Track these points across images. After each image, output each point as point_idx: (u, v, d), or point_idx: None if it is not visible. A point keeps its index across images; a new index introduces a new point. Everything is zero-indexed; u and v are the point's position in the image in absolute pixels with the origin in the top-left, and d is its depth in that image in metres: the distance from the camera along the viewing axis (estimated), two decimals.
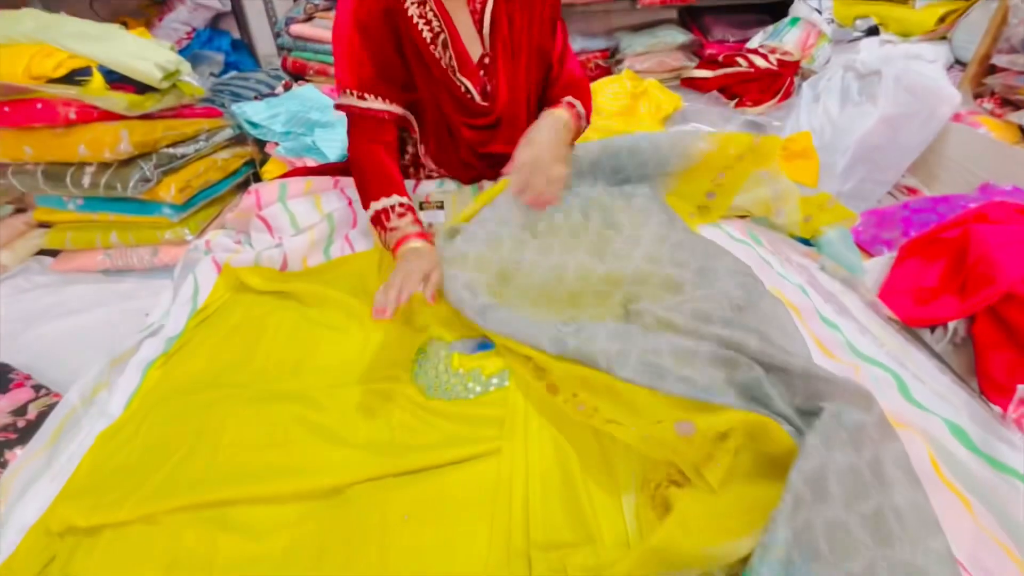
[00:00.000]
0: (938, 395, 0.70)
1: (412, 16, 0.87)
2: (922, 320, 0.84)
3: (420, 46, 0.89)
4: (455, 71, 0.92)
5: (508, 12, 0.94)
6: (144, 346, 0.90)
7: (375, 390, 0.77)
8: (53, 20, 1.15)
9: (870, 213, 1.15)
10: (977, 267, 0.77)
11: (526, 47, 0.98)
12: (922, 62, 1.30)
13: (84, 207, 1.16)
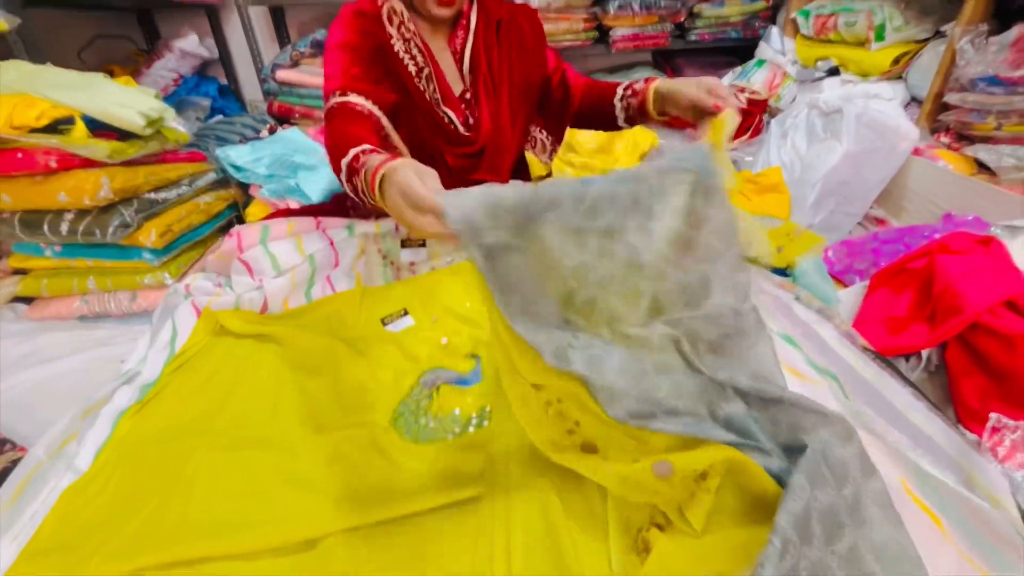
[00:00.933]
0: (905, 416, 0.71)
1: (398, 52, 0.93)
2: (896, 349, 0.86)
3: (405, 79, 0.94)
4: (439, 103, 0.97)
5: (487, 52, 1.00)
6: (117, 395, 0.88)
7: (352, 435, 0.75)
8: (36, 71, 1.17)
9: (842, 244, 1.18)
10: (943, 297, 0.79)
11: (507, 82, 1.05)
12: (881, 100, 1.37)
13: (62, 253, 1.15)
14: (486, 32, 1.01)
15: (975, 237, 0.85)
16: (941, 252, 0.84)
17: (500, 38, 1.04)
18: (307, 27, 2.30)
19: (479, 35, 1.00)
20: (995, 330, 0.72)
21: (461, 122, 1.01)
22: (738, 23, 2.08)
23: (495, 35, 1.03)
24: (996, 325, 0.72)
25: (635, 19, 1.99)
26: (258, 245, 1.10)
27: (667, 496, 0.56)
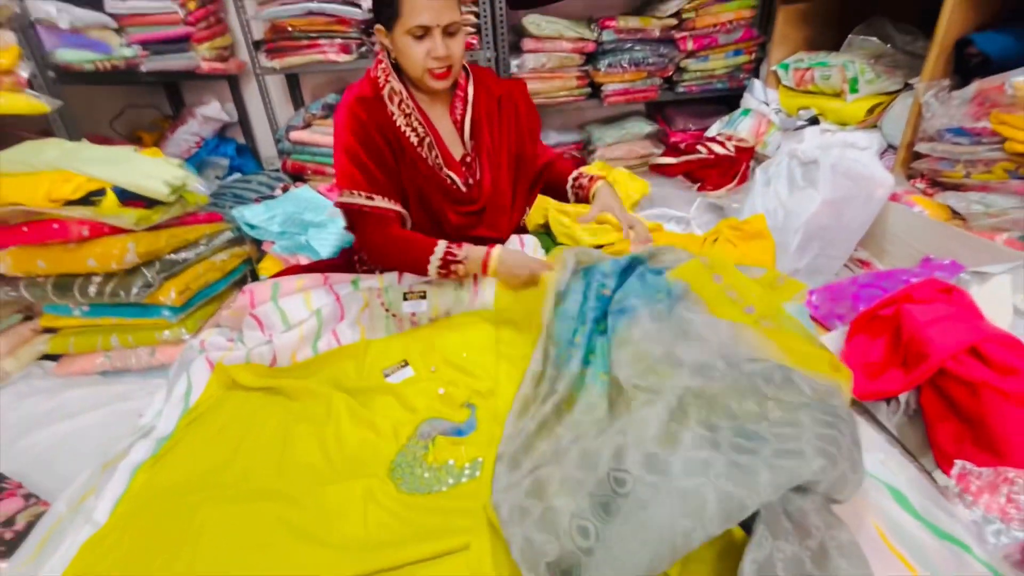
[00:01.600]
0: (881, 463, 0.73)
1: (400, 126, 1.05)
2: (874, 394, 0.89)
3: (408, 149, 1.06)
4: (441, 167, 1.09)
5: (488, 120, 1.13)
6: (135, 449, 0.94)
7: (352, 487, 0.80)
8: (74, 148, 1.28)
9: (824, 289, 1.23)
10: (911, 344, 0.83)
11: (506, 150, 1.17)
12: (856, 150, 1.44)
13: (89, 313, 1.23)
14: (487, 102, 1.14)
15: (938, 286, 0.90)
16: (906, 301, 0.89)
17: (501, 111, 1.16)
18: (320, 90, 2.46)
19: (479, 105, 1.12)
20: (960, 377, 0.76)
21: (463, 182, 1.11)
22: (723, 75, 2.19)
23: (496, 106, 1.15)
24: (960, 372, 0.76)
25: (624, 75, 2.12)
26: (269, 301, 1.18)
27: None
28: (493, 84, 1.15)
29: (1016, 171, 1.12)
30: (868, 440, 0.80)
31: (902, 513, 0.69)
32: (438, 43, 0.97)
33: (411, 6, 0.94)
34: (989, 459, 0.72)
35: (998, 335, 0.79)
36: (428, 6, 0.94)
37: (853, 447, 0.64)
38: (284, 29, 2.00)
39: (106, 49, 1.62)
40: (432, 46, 0.97)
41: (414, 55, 0.98)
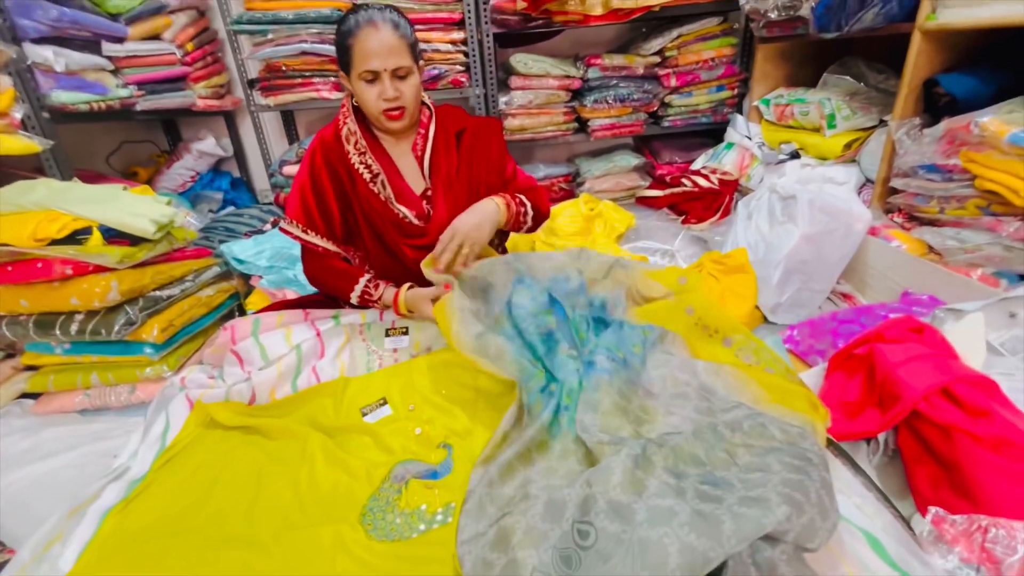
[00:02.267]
0: (858, 509, 0.72)
1: (355, 164, 1.13)
2: (851, 435, 0.88)
3: (359, 185, 1.13)
4: (391, 201, 1.14)
5: (446, 156, 1.18)
6: (106, 492, 0.92)
7: (322, 533, 0.79)
8: (62, 188, 1.30)
9: (804, 324, 1.23)
10: (885, 385, 0.83)
11: (466, 183, 1.20)
12: (834, 184, 1.46)
13: (70, 351, 1.23)
14: (445, 140, 1.20)
15: (910, 324, 0.90)
16: (878, 340, 0.89)
17: (460, 146, 1.20)
18: (314, 126, 2.52)
19: (438, 142, 1.19)
20: (932, 419, 0.75)
21: (415, 215, 1.16)
22: (707, 110, 2.25)
23: (455, 142, 1.20)
24: (932, 415, 0.75)
25: (610, 111, 2.17)
26: (249, 337, 1.18)
27: None
28: (456, 120, 1.21)
29: (988, 207, 1.13)
30: (845, 483, 0.79)
31: (878, 561, 0.67)
32: (387, 86, 1.04)
33: (360, 53, 1.02)
34: (965, 505, 0.71)
35: (970, 376, 0.78)
36: (376, 53, 1.01)
37: (823, 492, 0.63)
38: (279, 68, 2.06)
39: (102, 90, 1.66)
40: (382, 89, 1.04)
41: (367, 98, 1.06)
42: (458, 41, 2.03)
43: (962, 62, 1.31)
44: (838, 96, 1.64)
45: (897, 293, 1.27)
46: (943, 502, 0.73)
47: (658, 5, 1.90)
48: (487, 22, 2.00)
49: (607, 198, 2.17)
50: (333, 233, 1.17)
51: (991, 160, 1.08)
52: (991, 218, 1.12)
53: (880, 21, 1.32)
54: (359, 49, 1.02)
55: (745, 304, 1.34)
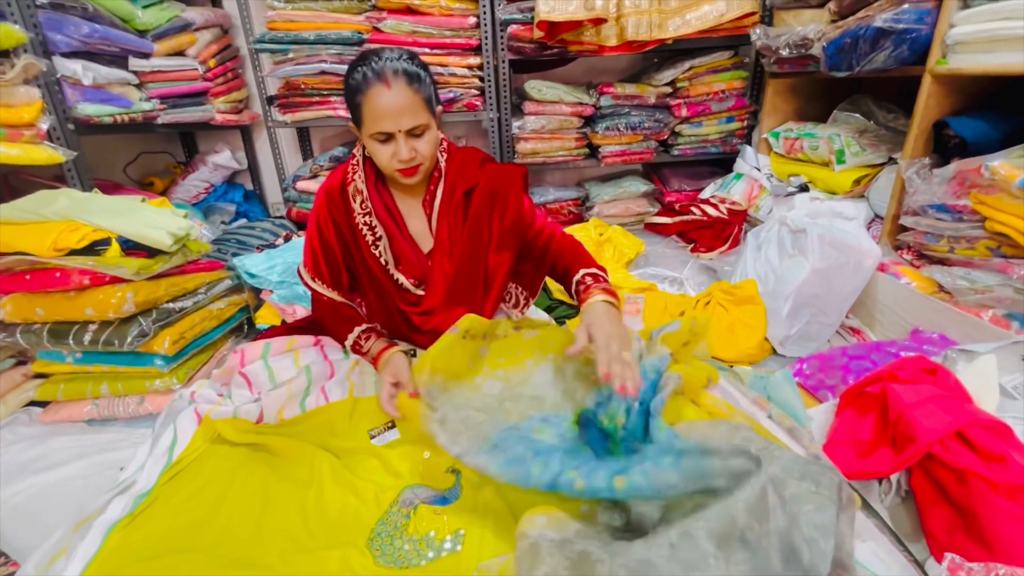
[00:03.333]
0: (874, 554, 0.72)
1: (359, 224, 1.07)
2: (863, 474, 0.88)
3: (363, 248, 1.08)
4: (388, 267, 1.09)
5: (451, 221, 1.06)
6: (112, 505, 0.92)
7: (329, 557, 0.78)
8: (83, 198, 1.33)
9: (814, 357, 1.23)
10: (898, 426, 0.83)
11: (470, 246, 1.07)
12: (844, 219, 1.48)
13: (82, 360, 1.24)
14: (450, 200, 1.05)
15: (923, 365, 0.90)
16: (891, 379, 0.89)
17: (469, 207, 1.06)
18: (329, 143, 2.56)
19: (444, 201, 1.06)
20: (947, 463, 0.75)
21: (413, 283, 1.09)
22: (716, 140, 2.28)
23: (463, 199, 1.06)
24: (947, 458, 0.75)
25: (621, 138, 2.21)
26: (259, 360, 1.18)
27: None
28: (468, 176, 1.06)
29: (998, 249, 1.14)
30: (860, 525, 0.78)
31: None
32: (401, 147, 0.94)
33: (372, 115, 0.91)
34: (980, 552, 0.70)
35: (985, 420, 0.78)
36: (387, 114, 0.91)
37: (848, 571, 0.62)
38: (297, 86, 2.11)
39: (126, 103, 1.70)
40: (396, 149, 0.94)
41: (381, 157, 0.96)
42: (474, 66, 2.07)
43: (971, 106, 1.34)
44: (848, 132, 1.67)
45: (906, 330, 1.28)
46: (958, 547, 0.72)
47: (671, 38, 1.95)
48: (503, 49, 2.05)
49: (616, 223, 2.19)
50: (339, 284, 1.14)
51: (1001, 203, 1.09)
52: (1001, 260, 1.13)
53: (891, 63, 1.35)
54: (369, 109, 0.91)
55: (755, 336, 1.35)
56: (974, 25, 1.16)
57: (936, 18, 1.25)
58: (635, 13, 1.88)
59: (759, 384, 1.15)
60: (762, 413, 1.04)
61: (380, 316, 1.18)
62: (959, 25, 1.19)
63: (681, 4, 1.92)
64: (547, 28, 1.87)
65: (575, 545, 0.66)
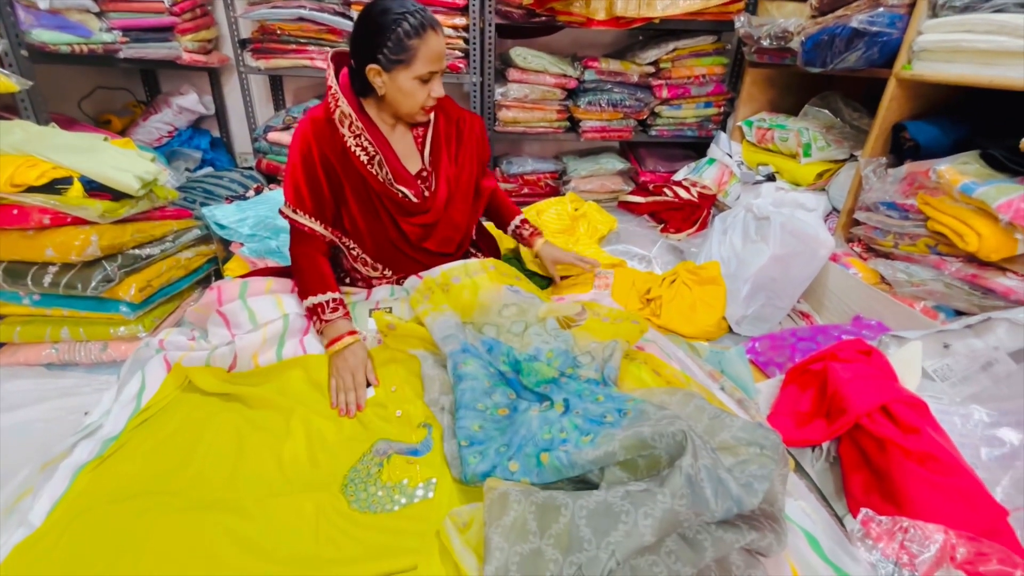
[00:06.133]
0: (802, 511, 0.81)
1: (350, 146, 1.11)
2: (800, 441, 0.97)
3: (358, 167, 1.13)
4: (392, 182, 1.15)
5: (447, 141, 1.23)
6: (78, 448, 0.92)
7: (304, 501, 0.81)
8: (41, 132, 1.25)
9: (766, 337, 1.33)
10: (834, 399, 0.92)
11: (467, 173, 1.26)
12: (804, 210, 1.57)
13: (40, 303, 1.19)
14: (447, 126, 1.23)
15: (860, 347, 1.00)
16: (832, 359, 0.98)
17: (460, 135, 1.25)
18: (302, 94, 2.46)
19: (439, 127, 1.21)
20: (871, 432, 0.85)
21: (415, 194, 1.18)
22: (693, 124, 2.33)
23: (455, 130, 1.25)
24: (872, 428, 0.85)
25: (602, 114, 2.22)
26: (237, 299, 1.17)
27: None
28: (452, 109, 1.25)
29: (936, 247, 1.25)
30: (792, 485, 0.88)
31: (814, 555, 0.76)
32: (438, 85, 1.07)
33: (427, 56, 1.01)
34: (891, 509, 0.80)
35: (906, 397, 0.88)
36: (439, 55, 1.03)
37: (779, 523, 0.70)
38: (273, 31, 2.01)
39: (85, 32, 1.59)
40: (434, 87, 1.06)
41: (418, 96, 1.06)
42: (460, 27, 2.03)
43: (928, 112, 1.43)
44: (816, 127, 1.75)
45: (850, 316, 1.39)
46: (872, 505, 0.83)
47: (658, 18, 1.96)
48: (491, 11, 2.01)
49: (591, 199, 2.23)
50: (322, 215, 1.15)
51: (943, 205, 1.19)
52: (937, 257, 1.24)
53: (862, 64, 1.42)
54: (425, 51, 1.01)
55: (714, 314, 1.43)
56: (939, 34, 1.23)
57: (907, 24, 1.31)
58: None
59: (715, 359, 1.24)
60: (715, 385, 1.13)
61: (371, 242, 1.22)
62: (926, 33, 1.26)
63: None
64: None
65: (541, 493, 0.72)
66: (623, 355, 1.06)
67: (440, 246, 1.27)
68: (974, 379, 0.96)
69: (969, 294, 1.15)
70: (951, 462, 0.79)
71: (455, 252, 1.32)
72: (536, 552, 0.64)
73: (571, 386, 0.95)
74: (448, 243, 1.28)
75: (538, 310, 1.14)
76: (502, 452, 0.84)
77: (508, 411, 0.94)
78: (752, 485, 0.65)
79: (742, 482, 0.66)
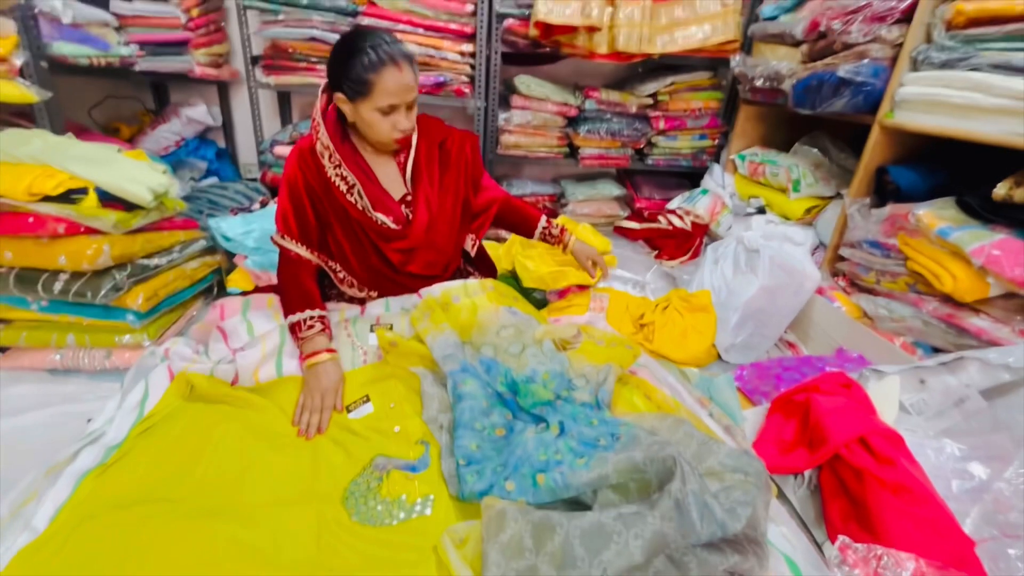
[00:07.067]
0: (783, 536, 0.85)
1: (332, 177, 1.15)
2: (783, 468, 1.02)
3: (338, 196, 1.17)
4: (369, 210, 1.18)
5: (427, 165, 1.23)
6: (82, 455, 0.93)
7: (307, 510, 0.83)
8: (58, 143, 1.29)
9: (753, 365, 1.38)
10: (815, 429, 0.97)
11: (451, 194, 1.28)
12: (792, 244, 1.63)
13: (47, 308, 1.21)
14: (428, 149, 1.24)
15: (841, 380, 1.05)
16: (815, 391, 1.03)
17: (443, 155, 1.25)
18: (308, 108, 2.52)
19: (420, 152, 1.22)
20: (849, 463, 0.89)
21: (393, 221, 1.21)
22: (688, 155, 2.42)
23: (438, 151, 1.25)
24: (850, 458, 0.89)
25: (601, 142, 2.30)
26: (238, 315, 1.20)
27: None
28: (436, 132, 1.25)
29: (915, 286, 1.31)
30: (775, 511, 0.91)
31: None
32: (402, 118, 1.07)
33: (383, 91, 1.02)
34: (867, 537, 0.84)
35: (883, 429, 0.93)
36: (398, 92, 1.03)
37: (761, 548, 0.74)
38: (285, 49, 2.07)
39: (104, 46, 1.63)
40: (397, 120, 1.07)
41: (381, 128, 1.08)
42: (467, 53, 2.10)
43: (910, 156, 1.51)
44: (805, 165, 1.83)
45: (833, 348, 1.45)
46: (850, 532, 0.87)
47: (658, 54, 2.05)
48: (497, 40, 2.09)
49: (587, 222, 2.29)
50: (308, 239, 1.18)
51: (922, 246, 1.26)
52: (916, 295, 1.30)
53: (848, 109, 1.50)
54: (382, 87, 1.02)
55: (704, 341, 1.48)
56: (919, 87, 1.31)
57: (889, 76, 1.40)
58: (627, 26, 1.96)
59: (704, 385, 1.28)
60: (704, 411, 1.17)
61: (358, 266, 1.25)
62: (907, 85, 1.35)
63: (671, 23, 2.02)
64: (543, 28, 1.93)
65: (537, 512, 0.76)
66: (616, 379, 1.10)
67: (424, 269, 1.29)
68: (947, 414, 1.01)
69: (945, 332, 1.21)
70: (923, 493, 0.83)
71: (442, 274, 1.34)
72: (531, 568, 0.67)
73: (566, 409, 0.99)
74: (432, 266, 1.30)
75: (535, 331, 1.18)
76: (499, 472, 0.87)
77: (505, 431, 0.97)
78: (736, 510, 0.69)
79: (726, 507, 0.70)
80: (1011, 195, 1.14)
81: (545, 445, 0.90)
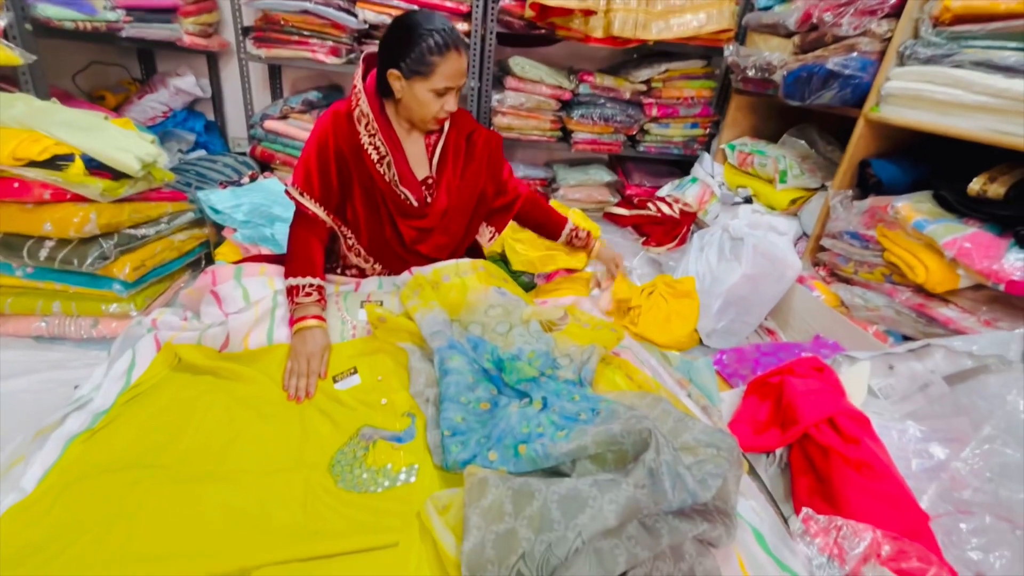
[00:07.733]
0: (752, 509, 0.89)
1: (364, 144, 1.17)
2: (756, 447, 1.06)
3: (368, 164, 1.19)
4: (396, 183, 1.21)
5: (454, 153, 1.27)
6: (69, 420, 0.94)
7: (294, 476, 0.86)
8: (43, 108, 1.27)
9: (733, 350, 1.42)
10: (787, 410, 1.01)
11: (471, 186, 1.30)
12: (776, 233, 1.67)
13: (33, 275, 1.20)
14: (457, 139, 1.27)
15: (815, 364, 1.09)
16: (788, 374, 1.07)
17: (470, 148, 1.29)
18: (300, 84, 2.49)
19: (450, 139, 1.26)
20: (818, 441, 0.94)
21: (416, 199, 1.24)
22: (679, 143, 2.43)
23: (465, 143, 1.29)
24: (818, 437, 0.94)
25: (594, 127, 2.31)
26: (231, 279, 1.20)
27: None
28: (465, 124, 1.29)
29: (890, 276, 1.36)
30: (746, 486, 0.96)
31: (759, 549, 0.84)
32: (452, 101, 1.11)
33: (444, 73, 1.06)
34: (830, 510, 0.89)
35: (851, 411, 0.97)
36: (455, 74, 1.08)
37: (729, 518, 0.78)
38: (277, 21, 2.03)
39: (90, 10, 1.60)
40: (447, 101, 1.11)
41: (431, 107, 1.11)
42: (462, 32, 2.09)
43: (893, 150, 1.54)
44: (792, 156, 1.86)
45: (810, 335, 1.49)
46: (814, 506, 0.91)
47: (652, 40, 2.05)
48: (493, 20, 2.07)
49: (577, 207, 2.30)
50: (327, 201, 1.20)
51: (899, 238, 1.30)
52: (891, 286, 1.34)
53: (836, 101, 1.53)
54: (444, 68, 1.06)
55: (687, 326, 1.52)
56: (905, 82, 1.34)
57: (877, 69, 1.42)
58: (623, 10, 1.96)
59: (684, 367, 1.32)
60: (683, 391, 1.21)
61: (367, 236, 1.27)
62: (893, 79, 1.37)
63: (666, 9, 2.02)
64: (539, 9, 1.92)
65: (517, 479, 0.79)
66: (600, 359, 1.13)
67: (432, 252, 1.32)
68: (912, 398, 1.06)
69: (916, 321, 1.26)
70: (884, 470, 0.88)
71: (447, 260, 1.35)
72: (511, 531, 0.70)
73: (550, 385, 1.02)
74: (441, 250, 1.33)
75: (522, 312, 1.21)
76: (482, 443, 0.90)
77: (489, 405, 1.00)
78: (707, 481, 0.73)
79: (698, 478, 0.73)
80: (984, 190, 1.18)
81: (528, 419, 0.93)
